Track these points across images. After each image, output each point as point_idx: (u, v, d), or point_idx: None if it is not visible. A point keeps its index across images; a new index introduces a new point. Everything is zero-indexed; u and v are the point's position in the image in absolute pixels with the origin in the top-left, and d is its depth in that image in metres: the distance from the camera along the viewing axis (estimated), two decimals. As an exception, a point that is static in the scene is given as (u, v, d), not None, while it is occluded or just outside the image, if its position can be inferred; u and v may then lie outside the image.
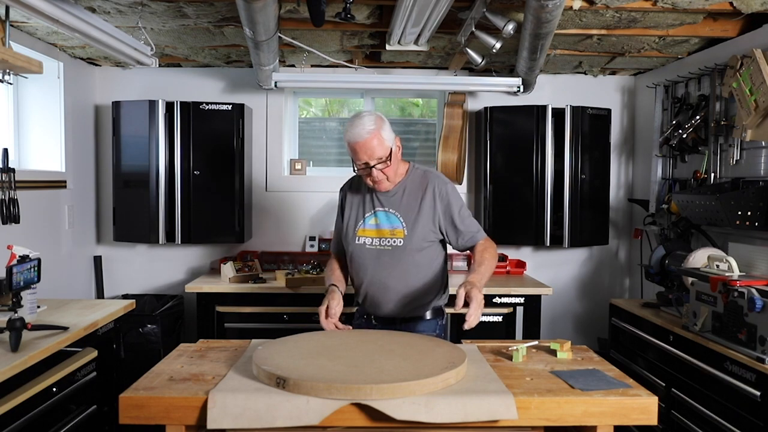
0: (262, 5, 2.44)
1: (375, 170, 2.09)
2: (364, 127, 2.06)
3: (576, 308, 4.27)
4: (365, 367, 1.58)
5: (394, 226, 2.19)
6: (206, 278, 3.69)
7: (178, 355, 1.83)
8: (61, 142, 3.61)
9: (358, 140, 2.06)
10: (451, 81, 3.84)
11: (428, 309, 2.24)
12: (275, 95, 4.10)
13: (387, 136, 2.09)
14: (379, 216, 2.22)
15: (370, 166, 2.09)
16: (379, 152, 2.07)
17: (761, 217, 2.60)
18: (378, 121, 2.09)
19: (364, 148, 2.06)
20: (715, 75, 3.12)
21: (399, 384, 1.45)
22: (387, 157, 2.09)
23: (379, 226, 2.21)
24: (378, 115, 2.12)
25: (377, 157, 2.07)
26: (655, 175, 3.64)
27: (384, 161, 2.09)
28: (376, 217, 2.22)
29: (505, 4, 2.80)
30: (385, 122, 2.12)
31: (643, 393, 1.55)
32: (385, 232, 2.19)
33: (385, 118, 2.14)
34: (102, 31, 2.67)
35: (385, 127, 2.10)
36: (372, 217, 2.23)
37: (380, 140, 2.06)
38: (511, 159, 3.85)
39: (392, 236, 2.18)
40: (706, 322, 2.46)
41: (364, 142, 2.05)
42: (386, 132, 2.10)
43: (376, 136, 2.06)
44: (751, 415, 2.19)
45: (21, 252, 2.46)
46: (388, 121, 2.14)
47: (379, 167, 2.09)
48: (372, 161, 2.08)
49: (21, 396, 1.97)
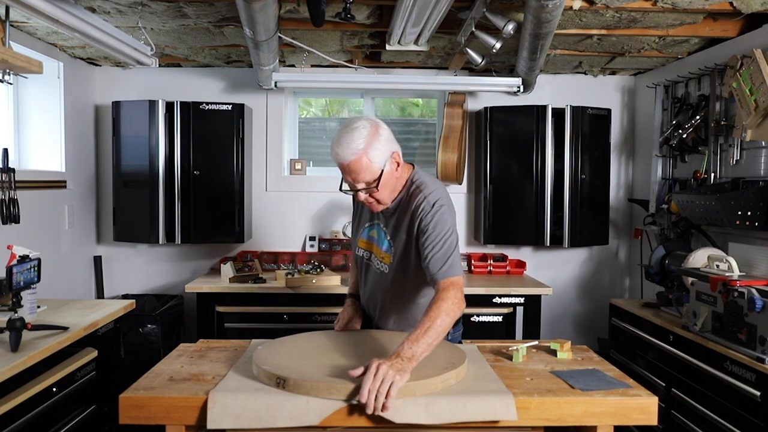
0: (262, 5, 2.44)
1: (360, 194, 1.84)
2: (350, 146, 1.75)
3: (576, 308, 4.27)
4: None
5: (384, 249, 1.96)
6: (206, 278, 3.69)
7: (178, 355, 1.83)
8: (61, 142, 3.61)
9: (341, 162, 1.78)
10: (451, 81, 3.84)
11: None
12: (275, 95, 4.10)
13: (377, 157, 1.78)
14: (376, 230, 2.00)
15: (357, 189, 1.83)
16: (365, 176, 1.79)
17: (761, 217, 2.60)
18: (369, 137, 1.77)
19: (349, 170, 1.79)
20: (715, 75, 3.12)
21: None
22: (375, 181, 1.79)
23: (373, 242, 2.01)
24: (372, 128, 1.79)
25: (362, 180, 1.80)
26: (655, 175, 3.64)
27: (371, 186, 1.81)
28: (374, 230, 2.02)
29: (505, 4, 2.80)
30: (379, 137, 1.79)
31: (643, 393, 1.55)
32: (377, 252, 1.99)
33: (382, 128, 1.82)
34: (102, 31, 2.67)
35: (377, 145, 1.77)
36: (370, 229, 2.03)
37: (367, 163, 1.76)
38: (511, 159, 3.85)
39: (381, 260, 1.96)
40: (706, 322, 2.46)
41: (348, 164, 1.77)
42: (377, 151, 1.77)
43: (362, 157, 1.75)
44: (751, 415, 2.19)
45: (21, 252, 2.46)
46: (386, 133, 1.82)
47: (366, 191, 1.83)
48: (357, 185, 1.81)
49: (21, 396, 1.98)
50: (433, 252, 1.77)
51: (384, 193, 1.85)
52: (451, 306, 1.66)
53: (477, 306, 3.44)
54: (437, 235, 1.78)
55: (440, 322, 1.61)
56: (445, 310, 1.64)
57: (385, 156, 1.81)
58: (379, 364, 1.45)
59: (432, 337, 1.58)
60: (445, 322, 1.62)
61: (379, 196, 1.84)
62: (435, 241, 1.78)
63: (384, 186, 1.82)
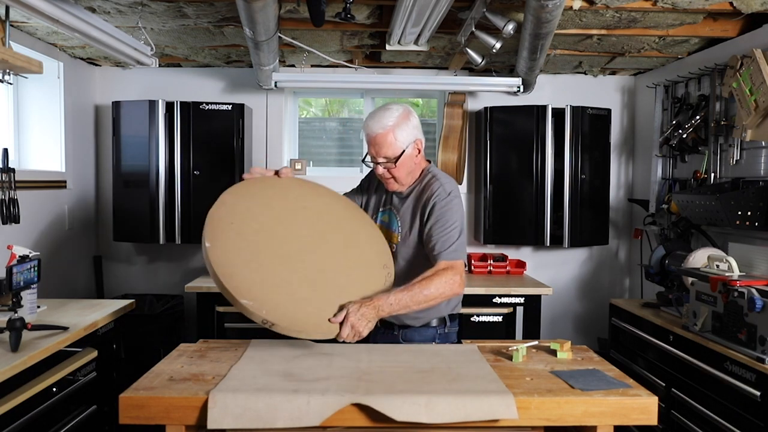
0: (262, 5, 2.44)
1: (379, 167, 2.01)
2: (381, 121, 1.97)
3: (576, 308, 4.27)
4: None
5: (393, 230, 2.09)
6: (206, 278, 3.68)
7: (178, 355, 1.83)
8: (61, 142, 3.62)
9: (369, 132, 1.99)
10: (451, 81, 3.84)
11: (428, 318, 2.07)
12: (275, 95, 4.10)
13: (402, 137, 1.97)
14: (389, 215, 2.12)
15: (377, 162, 2.01)
16: (388, 151, 1.97)
17: (761, 217, 2.60)
18: (400, 118, 1.98)
19: (374, 141, 1.98)
20: (715, 75, 3.12)
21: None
22: (395, 159, 1.97)
23: (385, 225, 2.13)
24: (404, 112, 2.00)
25: (384, 155, 1.98)
26: (655, 175, 3.64)
27: (390, 161, 1.98)
28: (386, 215, 2.13)
29: (505, 4, 2.80)
30: (409, 121, 2.00)
31: (643, 393, 1.55)
32: (387, 235, 2.10)
33: (413, 116, 2.02)
34: (102, 31, 2.67)
35: (404, 126, 1.98)
36: (383, 214, 2.14)
37: (393, 139, 1.96)
38: (511, 159, 3.86)
39: (390, 241, 2.08)
40: (706, 322, 2.46)
41: (375, 136, 1.97)
42: (403, 132, 1.98)
43: (389, 133, 1.96)
44: (751, 415, 2.19)
45: (21, 252, 2.46)
46: (415, 120, 2.02)
47: (385, 166, 2.00)
48: (379, 158, 1.99)
49: (21, 396, 1.97)
50: (440, 234, 1.91)
51: (401, 172, 2.00)
52: (443, 283, 1.82)
53: (477, 306, 3.44)
54: (447, 221, 1.93)
55: (426, 292, 1.79)
56: (435, 284, 1.81)
57: (410, 139, 1.99)
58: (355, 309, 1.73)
59: (412, 301, 1.79)
60: (430, 293, 1.80)
61: (396, 173, 2.00)
62: (444, 225, 1.92)
63: (402, 165, 1.99)
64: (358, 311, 1.74)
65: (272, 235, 1.88)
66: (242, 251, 1.81)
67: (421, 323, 2.07)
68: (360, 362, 1.72)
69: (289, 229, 1.92)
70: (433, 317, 2.07)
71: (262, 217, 1.91)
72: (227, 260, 1.77)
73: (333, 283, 1.86)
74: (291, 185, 2.07)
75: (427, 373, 1.63)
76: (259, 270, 1.79)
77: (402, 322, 2.07)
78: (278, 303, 1.74)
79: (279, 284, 1.79)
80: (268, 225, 1.90)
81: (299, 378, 1.58)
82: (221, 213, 1.86)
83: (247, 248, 1.82)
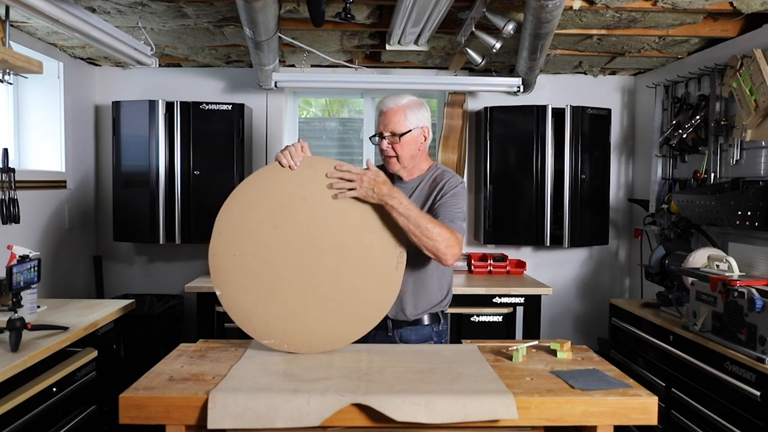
0: (262, 5, 2.44)
1: (384, 141, 2.06)
2: (395, 100, 2.06)
3: (576, 308, 4.27)
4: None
5: None
6: (206, 278, 3.68)
7: (178, 355, 1.83)
8: (61, 142, 3.61)
9: (382, 108, 2.07)
10: (451, 81, 3.84)
11: (425, 314, 2.10)
12: (275, 95, 4.10)
13: (411, 117, 2.05)
14: None
15: (383, 136, 2.06)
16: (396, 126, 2.03)
17: (761, 217, 2.60)
18: (414, 102, 2.07)
19: (385, 116, 2.05)
20: (715, 75, 3.12)
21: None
22: (400, 134, 2.03)
23: None
24: (419, 100, 2.09)
25: (391, 129, 2.04)
26: (655, 175, 3.64)
27: (395, 136, 2.04)
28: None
29: (505, 4, 2.80)
30: (421, 108, 2.08)
31: (643, 393, 1.55)
32: None
33: (426, 108, 2.10)
34: (102, 31, 2.67)
35: (416, 110, 2.06)
36: None
37: (403, 117, 2.03)
38: (511, 159, 3.86)
39: None
40: (706, 322, 2.47)
41: (387, 110, 2.05)
42: (414, 114, 2.05)
43: (401, 110, 2.04)
44: (751, 415, 2.19)
45: (21, 252, 2.46)
46: (427, 112, 2.10)
47: (389, 140, 2.05)
48: (385, 132, 2.05)
49: (21, 396, 1.98)
50: (446, 212, 1.99)
51: (404, 151, 2.06)
52: (445, 234, 1.85)
53: (477, 306, 3.44)
54: (455, 203, 2.02)
55: (430, 226, 1.83)
56: (439, 228, 1.85)
57: (419, 123, 2.07)
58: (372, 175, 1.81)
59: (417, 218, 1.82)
60: (432, 229, 1.83)
61: (399, 150, 2.05)
62: (452, 205, 2.01)
63: (406, 143, 2.05)
64: (373, 173, 1.83)
65: (275, 253, 1.84)
66: (251, 290, 1.83)
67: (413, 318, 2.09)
68: (360, 362, 1.72)
69: (292, 237, 1.84)
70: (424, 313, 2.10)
71: (261, 231, 1.84)
72: (240, 306, 1.83)
73: (344, 288, 1.84)
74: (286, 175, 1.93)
75: (427, 373, 1.64)
76: (273, 305, 1.83)
77: (395, 317, 2.07)
78: (296, 331, 1.82)
79: (294, 313, 1.82)
80: (269, 240, 1.84)
81: (299, 378, 1.58)
82: (220, 248, 1.83)
83: (254, 285, 1.83)
